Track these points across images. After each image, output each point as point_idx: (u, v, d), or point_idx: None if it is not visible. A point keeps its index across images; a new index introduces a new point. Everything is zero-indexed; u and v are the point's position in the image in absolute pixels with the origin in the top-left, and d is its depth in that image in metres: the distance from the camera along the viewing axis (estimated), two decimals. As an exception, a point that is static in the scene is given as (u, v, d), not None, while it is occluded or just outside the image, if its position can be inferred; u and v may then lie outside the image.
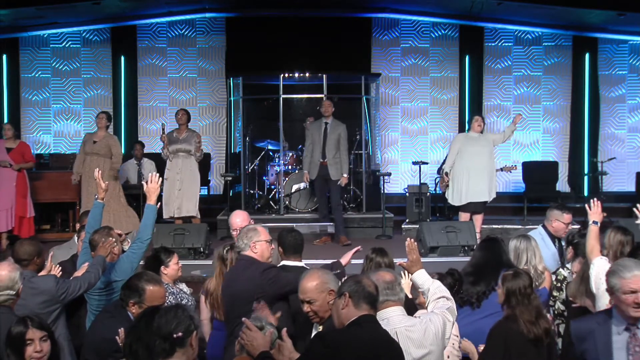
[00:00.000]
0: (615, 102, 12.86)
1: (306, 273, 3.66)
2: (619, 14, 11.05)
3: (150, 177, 4.81)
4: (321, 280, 3.58)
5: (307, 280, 3.59)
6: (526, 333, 3.94)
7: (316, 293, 3.55)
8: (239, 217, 5.32)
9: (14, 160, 9.10)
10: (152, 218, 4.77)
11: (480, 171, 8.82)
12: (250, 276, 4.30)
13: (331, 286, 3.57)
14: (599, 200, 4.67)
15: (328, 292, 3.56)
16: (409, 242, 4.02)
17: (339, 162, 9.22)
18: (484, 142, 8.95)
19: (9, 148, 9.19)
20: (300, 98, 11.68)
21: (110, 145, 9.05)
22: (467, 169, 8.84)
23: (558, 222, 5.95)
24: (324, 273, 3.67)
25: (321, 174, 9.31)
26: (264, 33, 12.17)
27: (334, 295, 3.52)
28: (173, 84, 12.74)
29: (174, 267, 5.25)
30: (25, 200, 9.21)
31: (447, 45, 12.79)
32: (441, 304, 3.77)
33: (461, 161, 8.88)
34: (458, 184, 8.90)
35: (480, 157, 8.83)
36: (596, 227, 4.51)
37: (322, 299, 3.55)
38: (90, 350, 3.97)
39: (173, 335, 2.88)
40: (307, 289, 3.57)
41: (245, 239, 4.45)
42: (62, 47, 12.57)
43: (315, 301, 3.55)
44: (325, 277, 3.62)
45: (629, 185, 12.49)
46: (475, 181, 8.82)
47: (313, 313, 3.58)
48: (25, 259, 4.48)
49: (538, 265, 4.99)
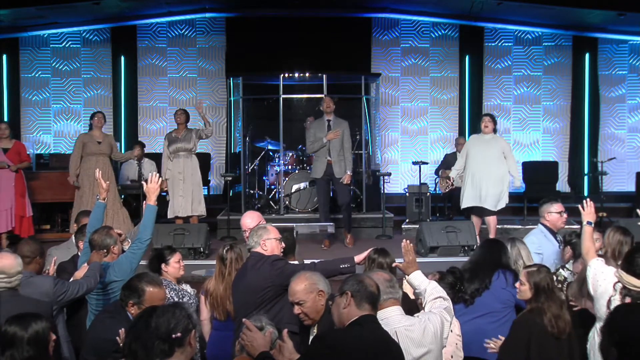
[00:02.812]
0: (615, 102, 12.86)
1: (295, 275, 3.73)
2: (619, 14, 11.05)
3: (150, 177, 4.81)
4: (309, 281, 3.64)
5: (296, 282, 3.65)
6: (550, 328, 4.01)
7: (305, 294, 3.61)
8: (250, 217, 5.33)
9: (12, 161, 9.10)
10: (152, 218, 4.77)
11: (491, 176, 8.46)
12: (260, 268, 4.38)
13: (320, 287, 3.64)
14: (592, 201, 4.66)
15: (317, 293, 3.62)
16: (405, 244, 4.02)
17: (343, 160, 9.19)
18: (494, 144, 8.49)
19: (5, 148, 9.18)
20: (300, 98, 11.68)
21: (112, 145, 9.18)
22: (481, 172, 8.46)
23: (551, 214, 5.98)
24: (313, 274, 3.72)
25: (327, 173, 9.28)
26: (264, 33, 12.17)
27: (324, 295, 3.59)
28: (173, 84, 12.74)
29: (175, 266, 5.25)
30: (24, 199, 9.22)
31: (447, 45, 12.79)
32: (438, 304, 3.78)
33: (475, 164, 8.45)
34: (474, 187, 8.48)
35: (490, 160, 8.42)
36: (590, 227, 4.51)
37: (312, 299, 3.61)
38: (90, 350, 3.97)
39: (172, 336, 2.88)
40: (296, 291, 3.63)
41: (256, 236, 4.55)
42: (62, 47, 12.57)
43: (304, 302, 3.61)
44: (313, 278, 3.68)
45: (629, 185, 12.49)
46: (487, 186, 8.44)
47: (304, 315, 3.63)
48: (28, 256, 4.49)
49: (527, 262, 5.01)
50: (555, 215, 5.98)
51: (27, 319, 3.40)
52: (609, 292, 4.18)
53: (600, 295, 4.24)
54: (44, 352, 3.37)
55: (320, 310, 3.62)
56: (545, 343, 4.01)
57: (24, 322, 3.37)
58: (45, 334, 3.38)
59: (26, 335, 3.32)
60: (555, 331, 4.01)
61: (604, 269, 4.31)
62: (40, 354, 3.34)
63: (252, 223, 5.15)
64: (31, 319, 3.40)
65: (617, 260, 4.40)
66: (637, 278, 4.00)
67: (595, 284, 4.28)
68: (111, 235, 4.75)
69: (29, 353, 3.31)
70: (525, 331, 4.08)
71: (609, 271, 4.27)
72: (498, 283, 4.81)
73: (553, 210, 5.98)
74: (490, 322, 4.70)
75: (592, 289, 4.32)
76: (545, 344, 4.02)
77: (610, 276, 4.22)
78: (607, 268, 4.31)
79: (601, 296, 4.23)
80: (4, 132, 9.28)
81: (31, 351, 3.31)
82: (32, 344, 3.32)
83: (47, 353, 3.39)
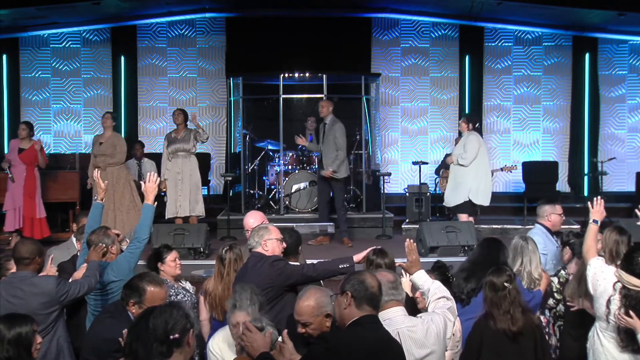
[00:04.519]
0: (615, 102, 12.85)
1: (304, 291, 3.53)
2: (619, 14, 11.04)
3: (148, 177, 4.80)
4: (317, 303, 3.44)
5: (304, 300, 3.46)
6: (494, 329, 3.93)
7: (312, 317, 3.43)
8: (252, 217, 5.32)
9: (25, 161, 9.09)
10: (150, 218, 4.77)
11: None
12: (260, 268, 4.36)
13: (328, 310, 3.45)
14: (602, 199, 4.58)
15: (324, 316, 3.45)
16: (408, 243, 4.01)
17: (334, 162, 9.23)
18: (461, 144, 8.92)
19: (22, 149, 9.19)
20: (300, 98, 11.68)
21: (114, 145, 9.09)
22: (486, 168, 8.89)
23: (554, 216, 5.96)
24: (323, 295, 3.50)
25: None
26: (264, 33, 12.17)
27: (331, 317, 3.43)
28: (173, 84, 12.74)
29: (171, 264, 5.24)
30: (33, 200, 9.16)
31: (447, 45, 12.79)
32: (442, 304, 3.77)
33: (484, 160, 8.85)
34: (485, 183, 8.87)
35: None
36: (596, 226, 4.45)
37: (318, 322, 3.43)
38: (90, 350, 3.97)
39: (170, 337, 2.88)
40: (302, 311, 3.44)
41: (257, 236, 4.53)
42: (62, 47, 12.57)
43: (310, 324, 3.44)
44: (322, 299, 3.46)
45: (629, 185, 12.48)
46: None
47: (308, 335, 3.46)
48: (27, 258, 4.48)
49: (534, 272, 4.90)
50: (558, 217, 5.98)
51: (14, 320, 3.50)
52: (608, 291, 4.17)
53: (599, 295, 4.23)
54: (25, 354, 3.44)
55: (325, 330, 3.46)
56: (498, 345, 3.94)
57: (10, 322, 3.47)
58: (28, 336, 3.45)
59: (8, 335, 3.41)
60: (502, 332, 3.92)
61: (604, 268, 4.29)
62: (20, 355, 3.42)
63: (254, 223, 5.14)
64: (18, 320, 3.48)
65: (614, 260, 4.37)
66: (636, 277, 3.99)
67: (595, 283, 4.27)
68: (109, 236, 4.75)
69: (9, 353, 3.40)
70: (477, 333, 4.01)
71: (609, 270, 4.25)
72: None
73: (556, 212, 5.98)
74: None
75: (591, 288, 4.30)
76: (499, 345, 3.94)
77: (610, 276, 4.21)
78: (607, 267, 4.29)
79: (601, 295, 4.22)
80: (21, 132, 9.28)
81: (11, 351, 3.40)
82: (13, 345, 3.41)
83: (28, 356, 3.45)
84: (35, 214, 9.19)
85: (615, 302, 4.10)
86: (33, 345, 3.48)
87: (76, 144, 12.56)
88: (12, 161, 9.14)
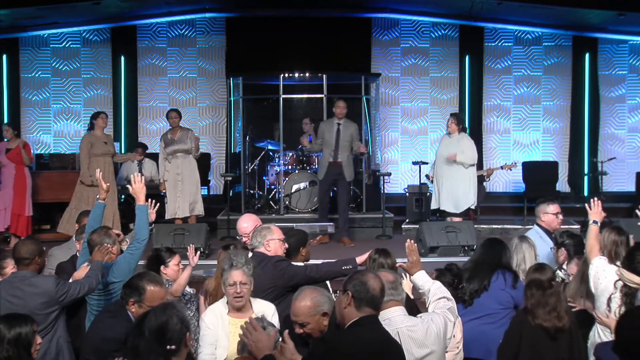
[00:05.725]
0: (615, 102, 12.85)
1: (300, 292, 3.54)
2: (619, 14, 11.04)
3: (133, 178, 4.77)
4: (313, 302, 3.46)
5: (300, 300, 3.47)
6: (534, 325, 3.97)
7: (308, 316, 3.44)
8: (246, 222, 5.31)
9: (13, 160, 9.17)
10: (146, 218, 4.76)
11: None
12: (263, 269, 4.36)
13: (325, 308, 3.47)
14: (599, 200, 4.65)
15: (321, 315, 3.46)
16: (409, 244, 4.01)
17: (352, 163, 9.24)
18: (456, 145, 9.03)
19: (8, 149, 9.26)
20: (300, 98, 11.67)
21: (113, 145, 9.26)
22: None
23: (547, 215, 5.93)
24: (318, 294, 3.52)
25: (331, 174, 9.29)
26: (264, 33, 12.17)
27: (328, 316, 3.44)
28: (173, 84, 12.73)
29: (174, 268, 5.24)
30: (23, 198, 9.24)
31: (447, 45, 12.79)
32: (442, 304, 3.77)
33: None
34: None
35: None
36: (596, 226, 4.50)
37: (315, 321, 3.45)
38: (90, 350, 3.96)
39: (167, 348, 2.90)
40: (299, 312, 3.45)
41: (259, 237, 4.56)
42: (62, 47, 12.56)
43: (307, 324, 3.45)
44: (318, 299, 3.48)
45: (629, 185, 12.48)
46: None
47: (306, 335, 3.47)
48: (27, 258, 4.47)
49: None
50: (551, 216, 5.90)
51: (14, 320, 3.51)
52: (609, 290, 4.19)
53: (600, 293, 4.25)
54: (25, 354, 3.45)
55: (323, 330, 3.47)
56: (537, 340, 3.97)
57: (10, 322, 3.48)
58: (28, 337, 3.47)
59: (8, 335, 3.43)
60: (544, 329, 3.96)
61: (606, 267, 4.31)
62: (20, 355, 3.43)
63: (249, 227, 5.15)
64: (18, 321, 3.50)
65: (614, 260, 4.38)
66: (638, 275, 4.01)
67: (597, 282, 4.28)
68: (110, 235, 4.74)
69: (9, 353, 3.42)
70: (517, 328, 4.05)
71: (611, 269, 4.27)
72: (497, 284, 4.77)
73: (549, 211, 5.91)
74: (488, 324, 4.68)
75: (593, 287, 4.33)
76: (538, 341, 3.97)
77: (611, 274, 4.23)
78: (609, 266, 4.32)
79: (602, 294, 4.24)
80: (7, 134, 9.39)
81: (11, 351, 3.42)
82: (13, 345, 3.42)
83: (28, 356, 3.47)
84: (24, 212, 9.25)
85: (616, 301, 4.11)
86: (33, 345, 3.49)
87: (76, 144, 12.45)
88: (1, 162, 9.27)
